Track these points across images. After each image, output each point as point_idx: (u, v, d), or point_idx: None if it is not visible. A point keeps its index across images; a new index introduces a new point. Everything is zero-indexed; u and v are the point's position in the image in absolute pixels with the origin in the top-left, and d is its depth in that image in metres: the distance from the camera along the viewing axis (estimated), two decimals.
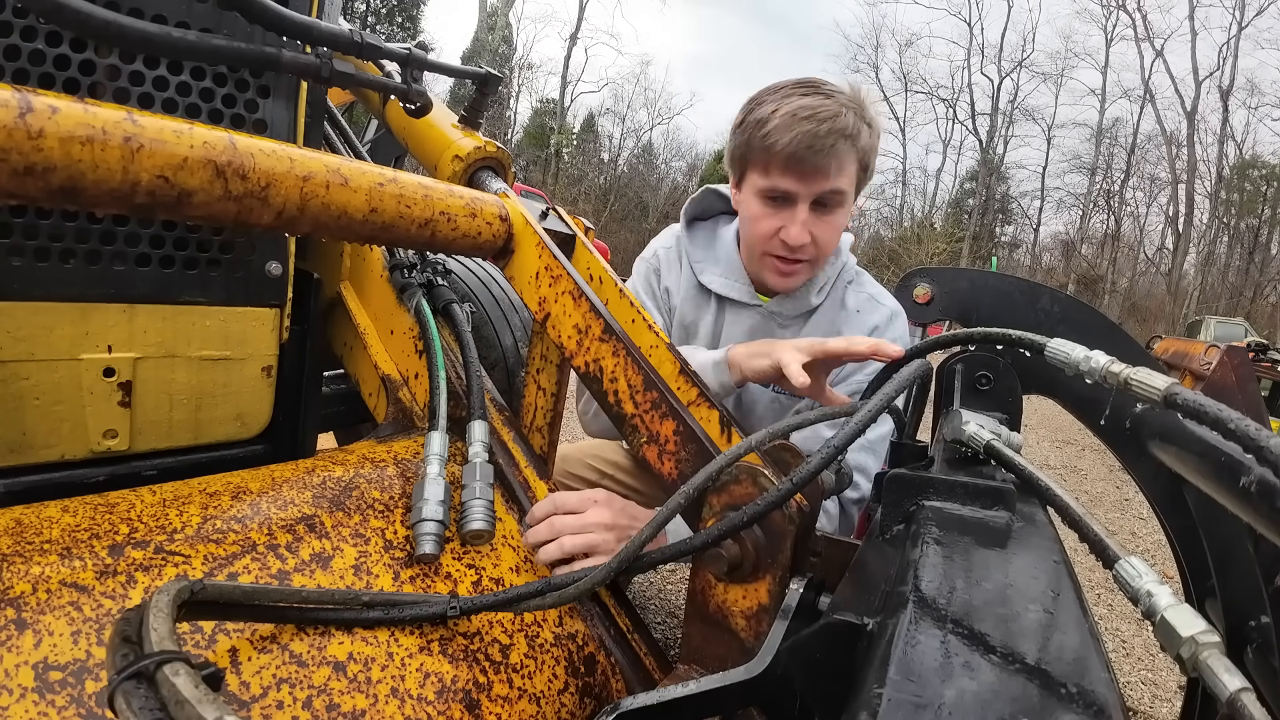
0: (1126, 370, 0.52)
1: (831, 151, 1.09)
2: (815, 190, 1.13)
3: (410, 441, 0.87)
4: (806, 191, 1.13)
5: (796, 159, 1.09)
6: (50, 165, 0.49)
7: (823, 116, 1.08)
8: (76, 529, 0.58)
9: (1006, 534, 0.52)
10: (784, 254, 1.19)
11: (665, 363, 0.85)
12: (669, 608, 2.38)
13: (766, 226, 1.18)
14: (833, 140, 1.08)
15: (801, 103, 1.10)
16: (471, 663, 0.65)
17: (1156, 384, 0.48)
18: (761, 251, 1.22)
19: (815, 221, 1.16)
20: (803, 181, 1.12)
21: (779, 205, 1.17)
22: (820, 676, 0.49)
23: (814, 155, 1.09)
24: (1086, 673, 0.33)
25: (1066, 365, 0.58)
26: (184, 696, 0.36)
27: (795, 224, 1.14)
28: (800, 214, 1.14)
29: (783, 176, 1.13)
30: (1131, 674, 2.47)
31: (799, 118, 1.09)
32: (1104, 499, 4.91)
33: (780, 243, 1.17)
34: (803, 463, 0.58)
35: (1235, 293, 30.86)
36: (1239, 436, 0.42)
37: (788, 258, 1.19)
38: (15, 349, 0.73)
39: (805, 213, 1.14)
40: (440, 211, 0.79)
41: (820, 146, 1.08)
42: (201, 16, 0.78)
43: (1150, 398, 0.49)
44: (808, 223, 1.15)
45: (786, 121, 1.09)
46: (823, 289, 1.30)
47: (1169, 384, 0.48)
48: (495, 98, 1.18)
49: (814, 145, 1.08)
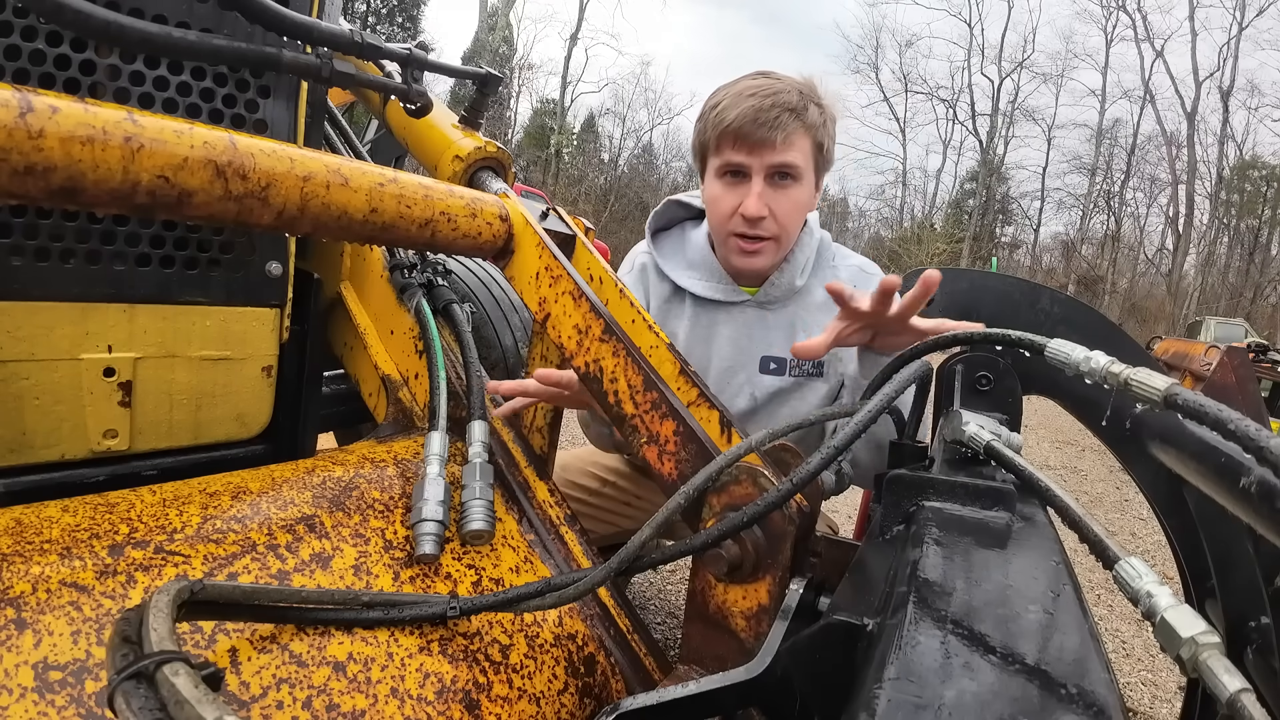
0: (1126, 371, 0.52)
1: (776, 124, 1.14)
2: (766, 162, 1.18)
3: (410, 441, 0.87)
4: (759, 163, 1.18)
5: (744, 132, 1.16)
6: (50, 165, 0.49)
7: (767, 93, 1.15)
8: (76, 529, 0.58)
9: (1006, 535, 0.52)
10: (745, 230, 1.22)
11: (665, 363, 0.85)
12: (669, 608, 2.38)
13: (726, 204, 1.23)
14: (776, 113, 1.14)
15: (749, 84, 1.18)
16: (471, 663, 0.65)
17: (1156, 384, 0.48)
18: (726, 233, 1.26)
19: (772, 195, 1.20)
20: (752, 153, 1.18)
21: (736, 182, 1.22)
22: (820, 677, 0.49)
23: (759, 128, 1.15)
24: (1086, 673, 0.33)
25: (1066, 366, 0.58)
26: (184, 696, 0.36)
27: (751, 195, 1.19)
28: (755, 186, 1.19)
29: (734, 150, 1.19)
30: (1131, 674, 2.47)
31: (745, 95, 1.16)
32: (1104, 500, 4.91)
33: (740, 219, 1.21)
34: (802, 463, 0.58)
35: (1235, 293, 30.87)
36: (1239, 437, 0.42)
37: (749, 234, 1.23)
38: (15, 349, 0.73)
39: (760, 185, 1.19)
40: (440, 212, 0.79)
41: (764, 119, 1.14)
42: (202, 16, 0.78)
43: (1150, 398, 0.49)
44: (763, 195, 1.19)
45: (734, 100, 1.17)
46: (805, 269, 1.32)
47: (1169, 384, 0.48)
48: (495, 98, 1.18)
49: (758, 118, 1.14)
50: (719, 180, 1.24)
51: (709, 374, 1.34)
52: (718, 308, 1.34)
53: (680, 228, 1.44)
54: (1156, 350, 7.20)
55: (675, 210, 1.44)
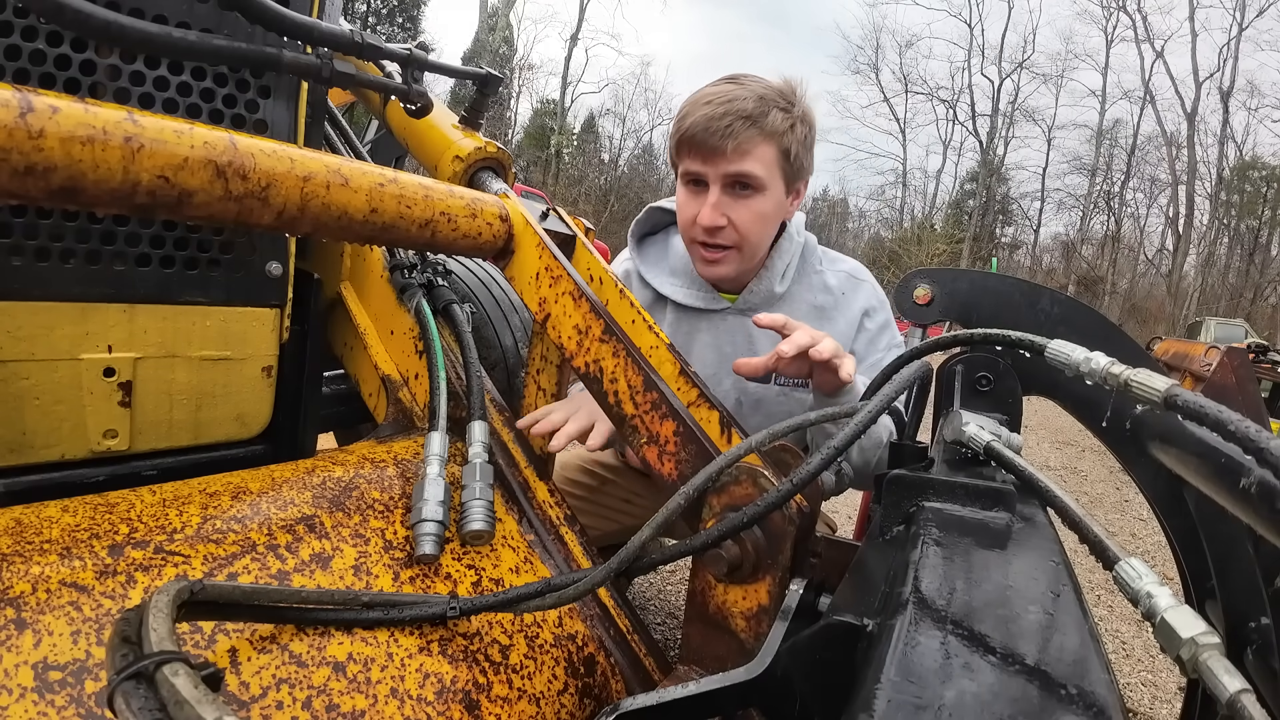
0: (1127, 372, 0.52)
1: (728, 132, 1.13)
2: (720, 171, 1.16)
3: (410, 442, 0.87)
4: (714, 172, 1.17)
5: (697, 141, 1.15)
6: (51, 165, 0.49)
7: (722, 100, 1.13)
8: (76, 529, 0.58)
9: (1006, 535, 0.52)
10: (704, 239, 1.22)
11: (665, 363, 0.85)
12: (669, 608, 2.38)
13: (688, 212, 1.23)
14: (728, 121, 1.13)
15: (712, 90, 1.17)
16: (471, 663, 0.65)
17: (1157, 385, 0.48)
18: (689, 239, 1.26)
19: (730, 205, 1.19)
20: (706, 162, 1.16)
21: (697, 191, 1.21)
22: (820, 677, 0.48)
23: (710, 136, 1.13)
24: (1086, 674, 0.33)
25: (1067, 366, 0.58)
26: (183, 697, 0.36)
27: (706, 205, 1.18)
28: (711, 196, 1.18)
29: (690, 159, 1.18)
30: (1131, 675, 2.47)
31: (702, 103, 1.15)
32: (1104, 500, 4.91)
33: (699, 227, 1.21)
34: (803, 463, 0.58)
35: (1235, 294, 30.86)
36: (1239, 438, 0.42)
37: (708, 243, 1.22)
38: (15, 349, 0.73)
39: (716, 195, 1.18)
40: (440, 212, 0.79)
41: (715, 128, 1.13)
42: (202, 17, 0.78)
43: (1150, 399, 0.49)
44: (719, 204, 1.18)
45: (693, 108, 1.16)
46: (785, 275, 1.31)
47: (1169, 385, 0.48)
48: (496, 98, 1.18)
49: (709, 126, 1.13)
50: (684, 188, 1.24)
51: None
52: (699, 315, 1.34)
53: (664, 234, 1.44)
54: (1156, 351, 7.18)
55: (658, 216, 1.44)
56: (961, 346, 0.86)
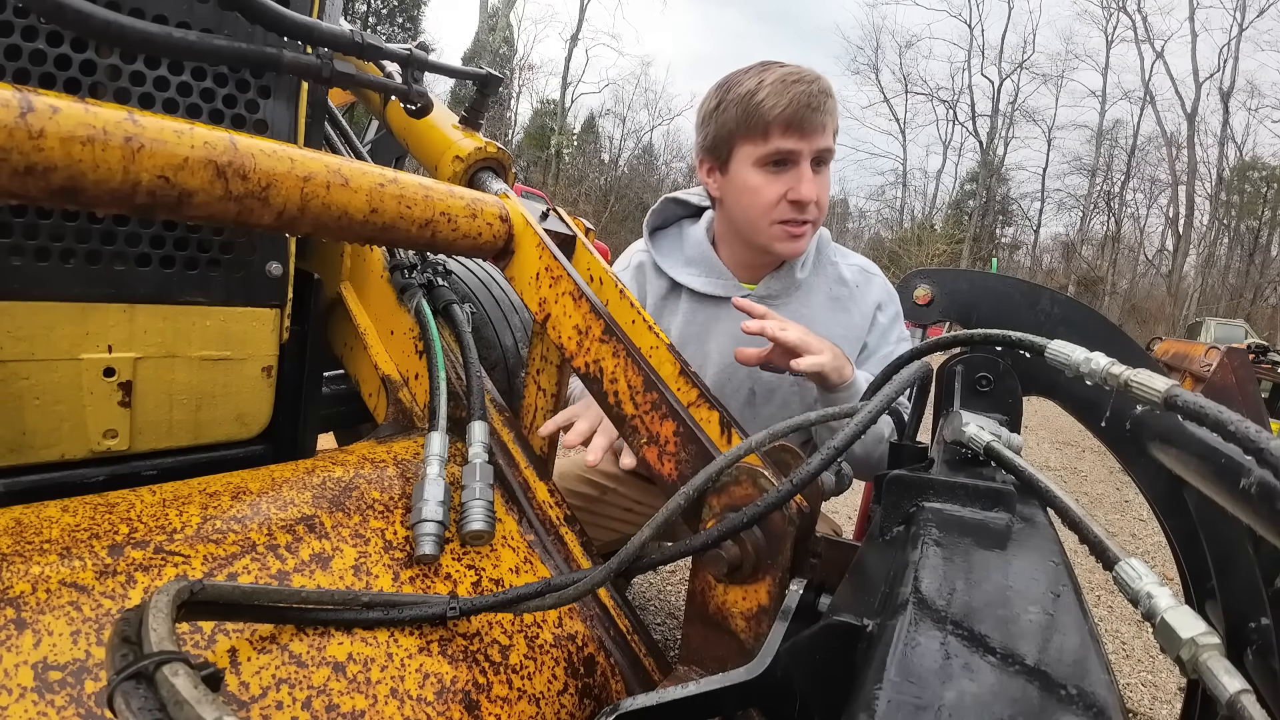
0: (1127, 372, 0.52)
1: (826, 109, 1.17)
2: (815, 146, 1.19)
3: (410, 442, 0.87)
4: (809, 148, 1.19)
5: (798, 119, 1.15)
6: (51, 165, 0.49)
7: (809, 78, 1.17)
8: (76, 529, 0.58)
9: (1006, 536, 0.52)
10: (793, 216, 1.22)
11: (665, 363, 0.85)
12: (669, 609, 2.38)
13: (772, 193, 1.22)
14: (823, 99, 1.17)
15: (783, 71, 1.18)
16: (471, 663, 0.65)
17: (1157, 386, 0.48)
18: (770, 221, 1.24)
19: (815, 180, 1.22)
20: (804, 139, 1.18)
21: (780, 170, 1.21)
22: (820, 678, 0.48)
23: (812, 113, 1.16)
24: (1086, 674, 0.33)
25: (1067, 367, 0.58)
26: (183, 697, 0.36)
27: (804, 181, 1.20)
28: (806, 172, 1.20)
29: (784, 138, 1.18)
30: (1131, 676, 2.47)
31: (789, 82, 1.16)
32: (1104, 501, 4.91)
33: (788, 205, 1.21)
34: (803, 464, 0.58)
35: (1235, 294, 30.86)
36: (1240, 439, 0.42)
37: (797, 219, 1.23)
38: (15, 349, 0.73)
39: (809, 171, 1.20)
40: (441, 212, 0.79)
41: (816, 105, 1.16)
42: (202, 17, 0.78)
43: (1151, 400, 0.49)
44: (813, 180, 1.21)
45: (779, 88, 1.16)
46: (805, 263, 1.33)
47: (1169, 386, 0.48)
48: (496, 98, 1.18)
49: (810, 104, 1.15)
50: (759, 169, 1.22)
51: (707, 370, 1.35)
52: (717, 304, 1.35)
53: (677, 226, 1.45)
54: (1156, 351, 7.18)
55: (673, 209, 1.45)
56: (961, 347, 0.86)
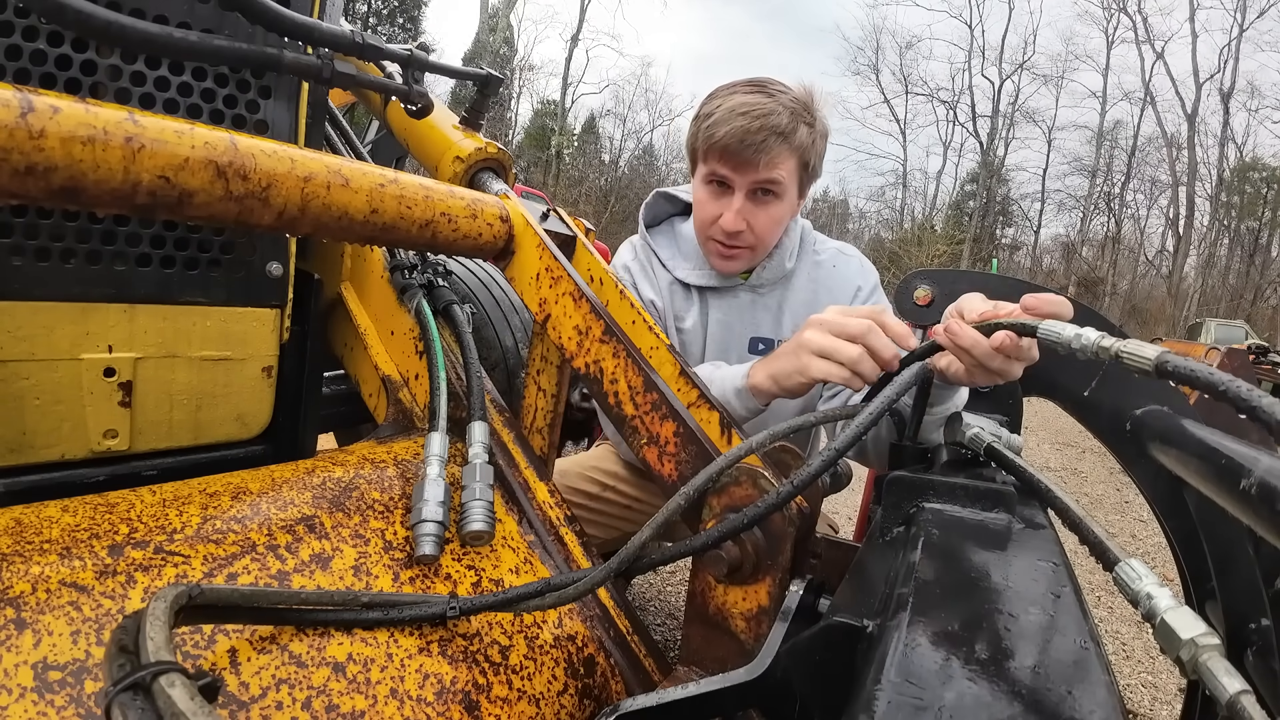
0: (1116, 344, 0.52)
1: (762, 146, 1.18)
2: (749, 180, 1.22)
3: (410, 442, 0.87)
4: (741, 180, 1.23)
5: (731, 150, 1.19)
6: (51, 165, 0.49)
7: (757, 114, 1.18)
8: (76, 529, 0.58)
9: (1007, 536, 0.52)
10: (722, 239, 1.28)
11: (666, 364, 0.85)
12: (669, 610, 2.38)
13: (709, 212, 1.28)
14: (763, 136, 1.17)
15: (743, 99, 1.20)
16: (471, 664, 0.65)
17: (1147, 354, 0.49)
18: (705, 236, 1.32)
19: (752, 210, 1.25)
20: (736, 171, 1.22)
21: (720, 192, 1.27)
22: (820, 678, 0.48)
23: (744, 149, 1.18)
24: (1086, 675, 0.33)
25: (1059, 345, 0.58)
26: (179, 709, 0.36)
27: (730, 211, 1.24)
28: (736, 202, 1.24)
29: (719, 164, 1.23)
30: (1132, 676, 2.47)
31: (737, 113, 1.19)
32: (1104, 501, 4.91)
33: (719, 228, 1.26)
34: (803, 465, 0.58)
35: (1235, 295, 30.86)
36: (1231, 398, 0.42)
37: (726, 243, 1.28)
38: (16, 349, 0.73)
39: (741, 201, 1.24)
40: (441, 212, 0.79)
41: (750, 141, 1.17)
42: (203, 17, 0.78)
43: (1143, 368, 0.49)
44: (743, 210, 1.24)
45: (726, 116, 1.19)
46: (792, 254, 1.39)
47: (1159, 353, 0.48)
48: (496, 99, 1.18)
49: (744, 139, 1.17)
50: (705, 186, 1.29)
51: (704, 356, 1.40)
52: (714, 293, 1.40)
53: (669, 223, 1.50)
54: None
55: (663, 204, 1.50)
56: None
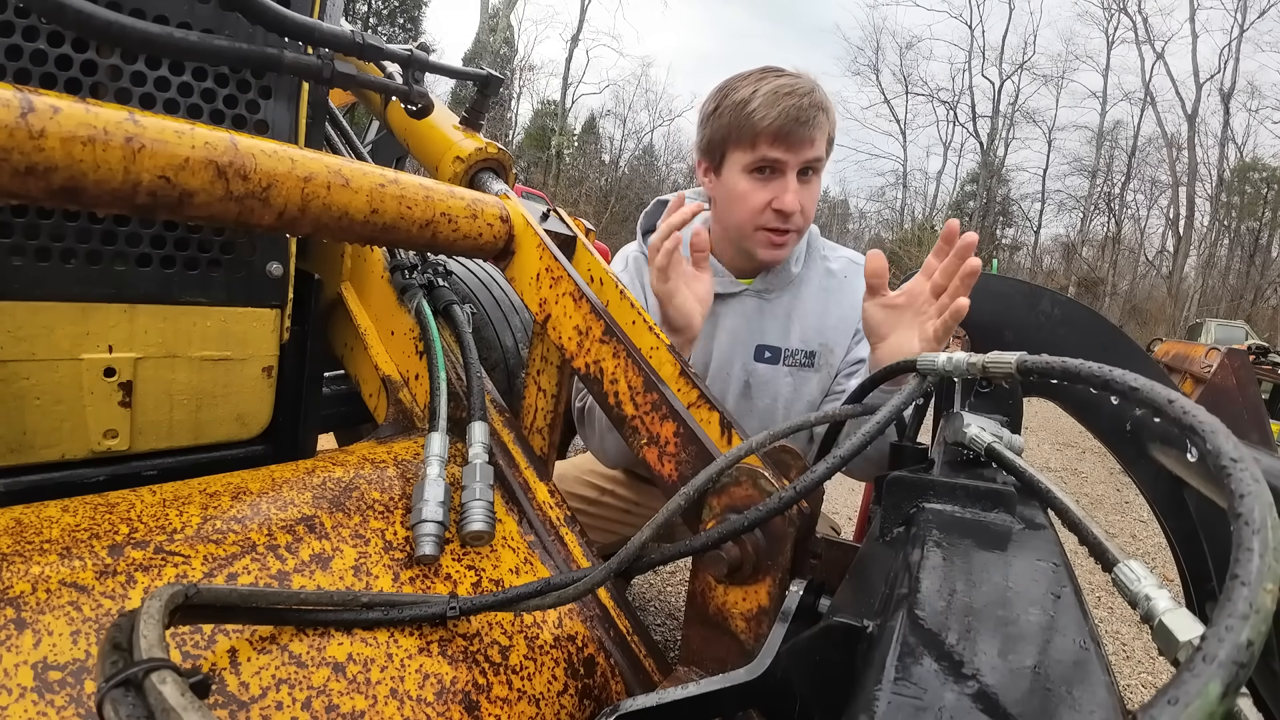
0: (981, 359, 0.56)
1: (814, 122, 1.20)
2: (802, 158, 1.23)
3: (410, 442, 0.87)
4: (795, 160, 1.23)
5: (785, 131, 1.19)
6: (52, 165, 0.49)
7: (801, 91, 1.21)
8: (76, 529, 0.58)
9: (1007, 537, 0.52)
10: (777, 224, 1.26)
11: (666, 364, 0.85)
12: (669, 610, 2.38)
13: (758, 199, 1.26)
14: (813, 112, 1.20)
15: (778, 82, 1.21)
16: (471, 664, 0.65)
17: (1008, 359, 0.52)
18: (754, 226, 1.29)
19: (801, 190, 1.25)
20: (791, 151, 1.22)
21: (768, 178, 1.25)
22: (820, 679, 0.48)
23: (800, 127, 1.20)
24: (1086, 676, 0.33)
25: (933, 371, 0.62)
26: (170, 704, 0.36)
27: (789, 191, 1.24)
28: (791, 183, 1.24)
29: (771, 148, 1.22)
30: (1132, 677, 2.47)
31: (781, 94, 1.20)
32: (1104, 502, 4.91)
33: (773, 213, 1.25)
34: (806, 469, 0.58)
35: (1236, 295, 30.85)
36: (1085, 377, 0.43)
37: (780, 228, 1.27)
38: (16, 349, 0.73)
39: (794, 181, 1.24)
40: (441, 213, 0.79)
41: (805, 118, 1.19)
42: (203, 17, 0.78)
43: (1006, 372, 0.52)
44: (799, 190, 1.24)
45: (770, 99, 1.20)
46: (800, 257, 1.38)
47: (1018, 357, 0.51)
48: (496, 99, 1.18)
49: (799, 117, 1.19)
50: (747, 175, 1.26)
51: (709, 364, 1.37)
52: (718, 300, 1.37)
53: None
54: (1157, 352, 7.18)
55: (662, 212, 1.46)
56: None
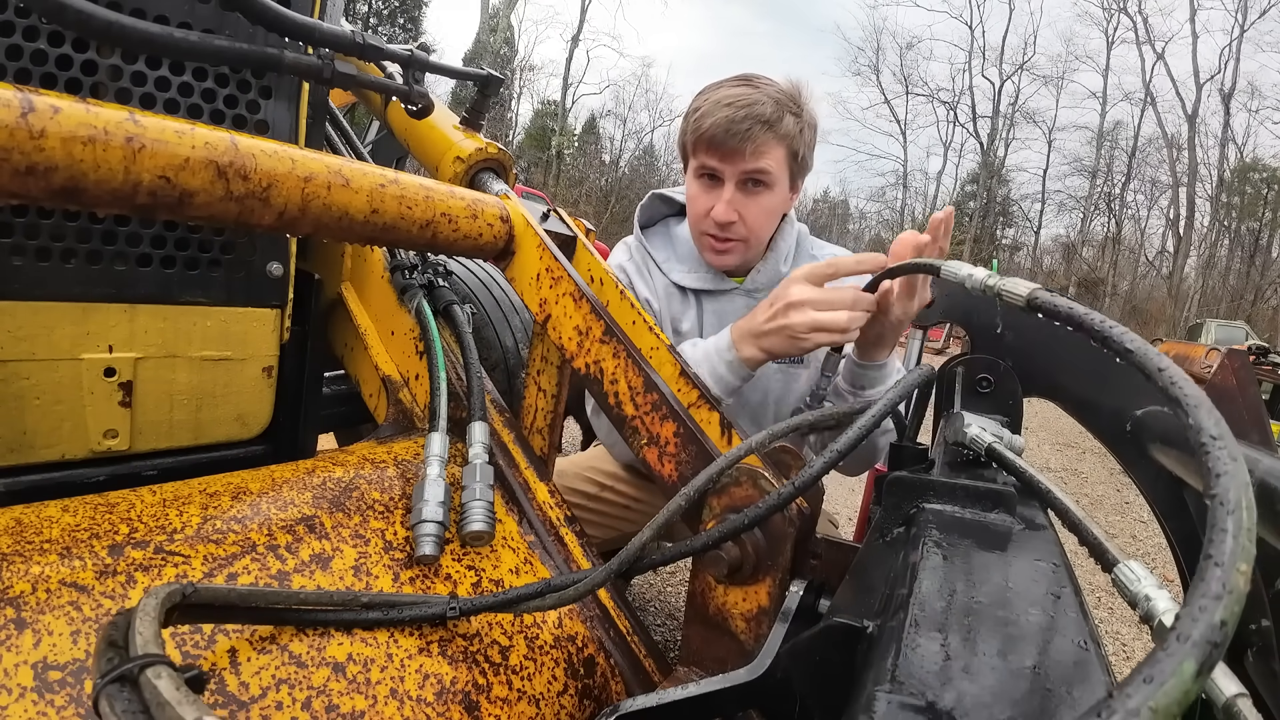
0: (999, 282, 0.56)
1: (747, 135, 1.20)
2: (737, 170, 1.23)
3: (410, 442, 0.87)
4: (730, 170, 1.24)
5: (717, 141, 1.21)
6: (52, 165, 0.49)
7: (742, 104, 1.20)
8: (76, 529, 0.58)
9: (1007, 537, 0.52)
10: (715, 232, 1.29)
11: (666, 364, 0.85)
12: (669, 610, 2.38)
13: (701, 205, 1.30)
14: (748, 125, 1.20)
15: (728, 92, 1.23)
16: (471, 664, 0.65)
17: (1020, 290, 0.52)
18: (699, 230, 1.33)
19: (743, 201, 1.26)
20: (725, 161, 1.23)
21: (711, 185, 1.28)
22: (820, 679, 0.48)
23: (731, 138, 1.20)
24: (1086, 675, 0.33)
25: (955, 280, 0.64)
26: (165, 699, 0.37)
27: (721, 201, 1.26)
28: (726, 193, 1.25)
29: (708, 156, 1.25)
30: None
31: (722, 104, 1.21)
32: (1104, 502, 4.91)
33: (711, 220, 1.28)
34: (804, 467, 0.58)
35: (1236, 296, 30.85)
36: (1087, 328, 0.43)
37: (719, 235, 1.29)
38: (16, 348, 0.73)
39: (731, 192, 1.25)
40: (441, 213, 0.79)
41: (736, 131, 1.19)
42: (204, 17, 0.78)
43: (1015, 303, 0.52)
44: (734, 201, 1.26)
45: (712, 108, 1.22)
46: (788, 256, 1.39)
47: (1032, 288, 0.51)
48: (497, 99, 1.18)
49: (730, 129, 1.20)
50: (696, 180, 1.30)
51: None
52: (709, 297, 1.40)
53: (664, 224, 1.49)
54: None
55: (658, 206, 1.50)
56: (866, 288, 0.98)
